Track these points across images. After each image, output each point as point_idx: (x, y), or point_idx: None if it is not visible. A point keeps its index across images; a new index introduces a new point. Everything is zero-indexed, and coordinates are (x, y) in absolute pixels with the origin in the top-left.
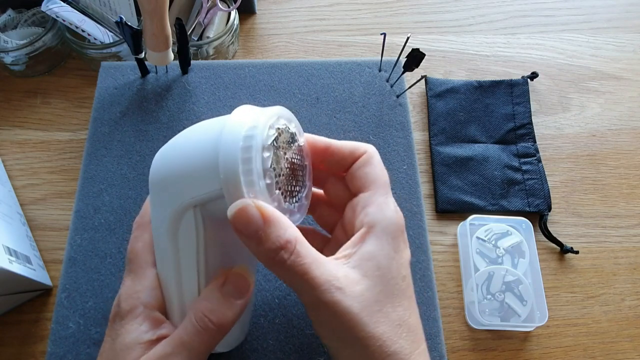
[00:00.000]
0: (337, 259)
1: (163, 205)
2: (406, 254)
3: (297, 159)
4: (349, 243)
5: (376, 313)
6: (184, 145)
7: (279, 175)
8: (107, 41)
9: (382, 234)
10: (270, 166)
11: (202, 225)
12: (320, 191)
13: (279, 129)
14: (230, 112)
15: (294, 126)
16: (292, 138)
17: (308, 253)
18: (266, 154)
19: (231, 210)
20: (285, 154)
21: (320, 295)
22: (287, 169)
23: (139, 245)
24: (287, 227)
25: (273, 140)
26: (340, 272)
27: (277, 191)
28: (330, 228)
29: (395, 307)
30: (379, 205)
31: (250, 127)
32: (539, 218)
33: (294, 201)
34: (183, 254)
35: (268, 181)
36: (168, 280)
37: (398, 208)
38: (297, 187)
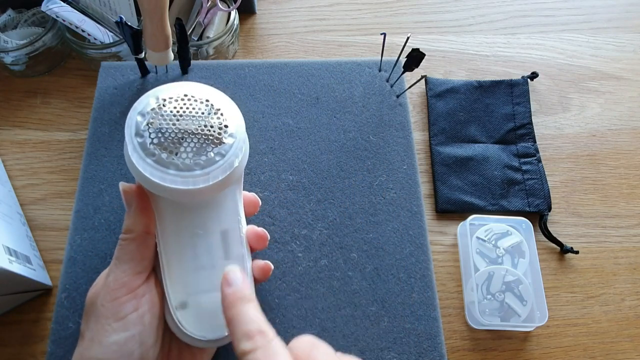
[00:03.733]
0: None
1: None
2: None
3: (189, 124)
4: None
5: None
6: None
7: (159, 135)
8: (107, 41)
9: None
10: (143, 129)
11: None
12: None
13: (164, 99)
14: None
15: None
16: (170, 108)
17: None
18: (139, 119)
19: None
20: (174, 118)
21: None
22: (174, 131)
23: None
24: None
25: (152, 109)
26: None
27: (152, 146)
28: None
29: None
30: None
31: (138, 100)
32: (539, 218)
33: (187, 157)
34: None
35: (139, 140)
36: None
37: None
38: (192, 146)
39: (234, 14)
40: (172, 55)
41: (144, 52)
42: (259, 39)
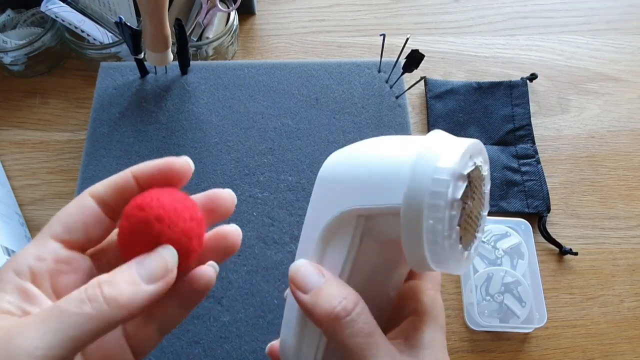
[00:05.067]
0: (393, 342)
1: (328, 205)
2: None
3: (480, 204)
4: (401, 328)
5: None
6: (369, 152)
7: (462, 213)
8: (106, 41)
9: (436, 327)
10: (461, 198)
11: (359, 239)
12: None
13: (475, 164)
14: (229, 113)
15: (486, 169)
16: (482, 181)
17: (369, 328)
18: (460, 183)
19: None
20: (473, 194)
21: None
22: (470, 212)
23: (56, 214)
24: (348, 293)
25: (468, 173)
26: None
27: (458, 227)
28: None
29: None
30: (432, 297)
31: (453, 152)
32: (538, 219)
33: (468, 248)
34: (328, 261)
35: (453, 212)
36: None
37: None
38: (471, 235)
39: (233, 15)
40: (171, 56)
41: (143, 53)
42: (258, 40)
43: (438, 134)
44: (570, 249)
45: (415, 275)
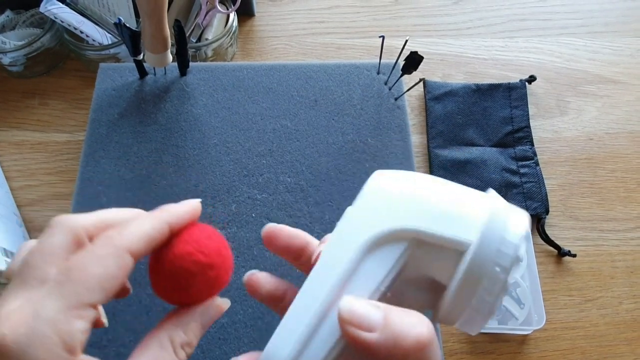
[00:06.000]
0: None
1: (380, 217)
2: None
3: None
4: None
5: None
6: (440, 182)
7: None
8: (105, 42)
9: None
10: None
11: (404, 262)
12: None
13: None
14: (228, 114)
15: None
16: None
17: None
18: (517, 266)
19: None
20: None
21: None
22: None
23: (96, 271)
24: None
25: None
26: None
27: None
28: None
29: None
30: None
31: (521, 224)
32: (536, 221)
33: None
34: (360, 278)
35: (505, 292)
36: (312, 290)
37: None
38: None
39: (232, 16)
40: (170, 57)
41: (142, 54)
42: (257, 41)
43: (496, 195)
44: (569, 251)
45: None
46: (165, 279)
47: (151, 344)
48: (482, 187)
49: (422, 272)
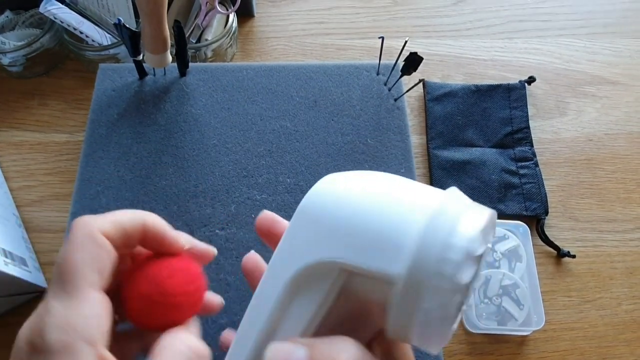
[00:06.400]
0: None
1: (307, 246)
2: None
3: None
4: None
5: None
6: (372, 197)
7: (466, 296)
8: (105, 43)
9: None
10: (470, 283)
11: (336, 293)
12: None
13: (487, 245)
14: (228, 115)
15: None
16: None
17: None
18: (471, 265)
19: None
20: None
21: None
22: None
23: (79, 257)
24: None
25: (478, 256)
26: None
27: (460, 313)
28: None
29: None
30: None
31: (470, 226)
32: (536, 222)
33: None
34: (295, 309)
35: (458, 298)
36: (247, 326)
37: None
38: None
39: (232, 17)
40: (170, 58)
41: (142, 54)
42: (257, 42)
43: (454, 194)
44: (568, 252)
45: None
46: (132, 310)
47: None
48: (482, 188)
49: (360, 296)
